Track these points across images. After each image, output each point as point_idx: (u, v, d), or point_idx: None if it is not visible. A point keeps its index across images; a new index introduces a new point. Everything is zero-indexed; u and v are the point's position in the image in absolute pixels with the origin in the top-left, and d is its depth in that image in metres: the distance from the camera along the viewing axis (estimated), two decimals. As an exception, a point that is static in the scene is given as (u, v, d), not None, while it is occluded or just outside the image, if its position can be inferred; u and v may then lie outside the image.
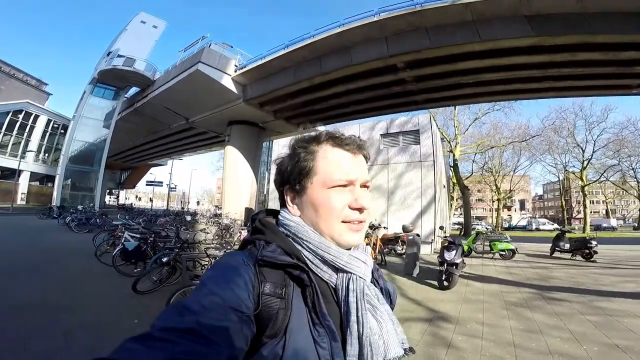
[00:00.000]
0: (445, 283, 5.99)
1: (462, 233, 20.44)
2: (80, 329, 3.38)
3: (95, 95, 26.68)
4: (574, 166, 35.45)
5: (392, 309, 0.75)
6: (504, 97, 16.20)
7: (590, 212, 60.71)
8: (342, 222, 0.64)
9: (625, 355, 3.10)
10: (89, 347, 2.95)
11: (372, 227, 10.45)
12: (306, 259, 0.63)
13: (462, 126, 24.09)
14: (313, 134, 0.70)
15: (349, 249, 0.67)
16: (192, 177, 61.46)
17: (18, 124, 31.81)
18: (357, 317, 0.59)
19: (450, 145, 23.29)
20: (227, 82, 16.65)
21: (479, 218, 63.04)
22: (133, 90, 26.68)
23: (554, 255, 10.71)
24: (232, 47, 17.63)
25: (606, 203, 55.96)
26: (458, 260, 6.16)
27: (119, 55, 24.75)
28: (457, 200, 28.35)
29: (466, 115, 24.42)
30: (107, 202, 50.52)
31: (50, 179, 33.87)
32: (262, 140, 22.17)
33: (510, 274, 7.59)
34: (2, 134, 30.68)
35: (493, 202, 41.98)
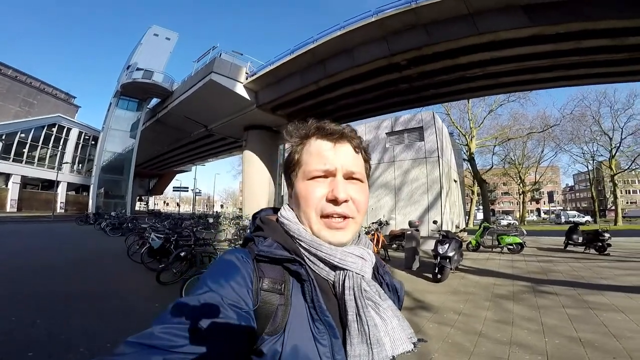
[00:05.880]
0: (439, 276, 6.20)
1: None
2: (113, 311, 4.24)
3: (120, 107, 28.41)
4: (601, 155, 33.69)
5: (401, 304, 0.74)
6: (514, 88, 15.95)
7: (627, 203, 57.19)
8: (322, 217, 0.62)
9: (582, 349, 3.10)
10: (121, 327, 3.61)
11: (379, 224, 10.72)
12: (303, 255, 0.61)
13: (478, 119, 23.58)
14: (303, 127, 0.69)
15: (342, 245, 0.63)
16: (215, 182, 63.77)
17: (53, 137, 34.40)
18: (357, 315, 0.57)
19: (466, 139, 22.93)
20: (240, 89, 17.36)
21: (506, 212, 61.05)
22: (154, 101, 28.21)
23: (567, 249, 10.49)
24: (242, 54, 18.39)
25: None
26: (451, 254, 6.34)
27: (138, 69, 26.19)
28: (477, 194, 27.82)
29: (481, 108, 23.87)
30: (138, 208, 53.31)
31: (85, 188, 36.55)
32: (278, 143, 22.74)
33: (512, 268, 7.61)
34: (39, 147, 33.19)
35: (519, 195, 40.80)
